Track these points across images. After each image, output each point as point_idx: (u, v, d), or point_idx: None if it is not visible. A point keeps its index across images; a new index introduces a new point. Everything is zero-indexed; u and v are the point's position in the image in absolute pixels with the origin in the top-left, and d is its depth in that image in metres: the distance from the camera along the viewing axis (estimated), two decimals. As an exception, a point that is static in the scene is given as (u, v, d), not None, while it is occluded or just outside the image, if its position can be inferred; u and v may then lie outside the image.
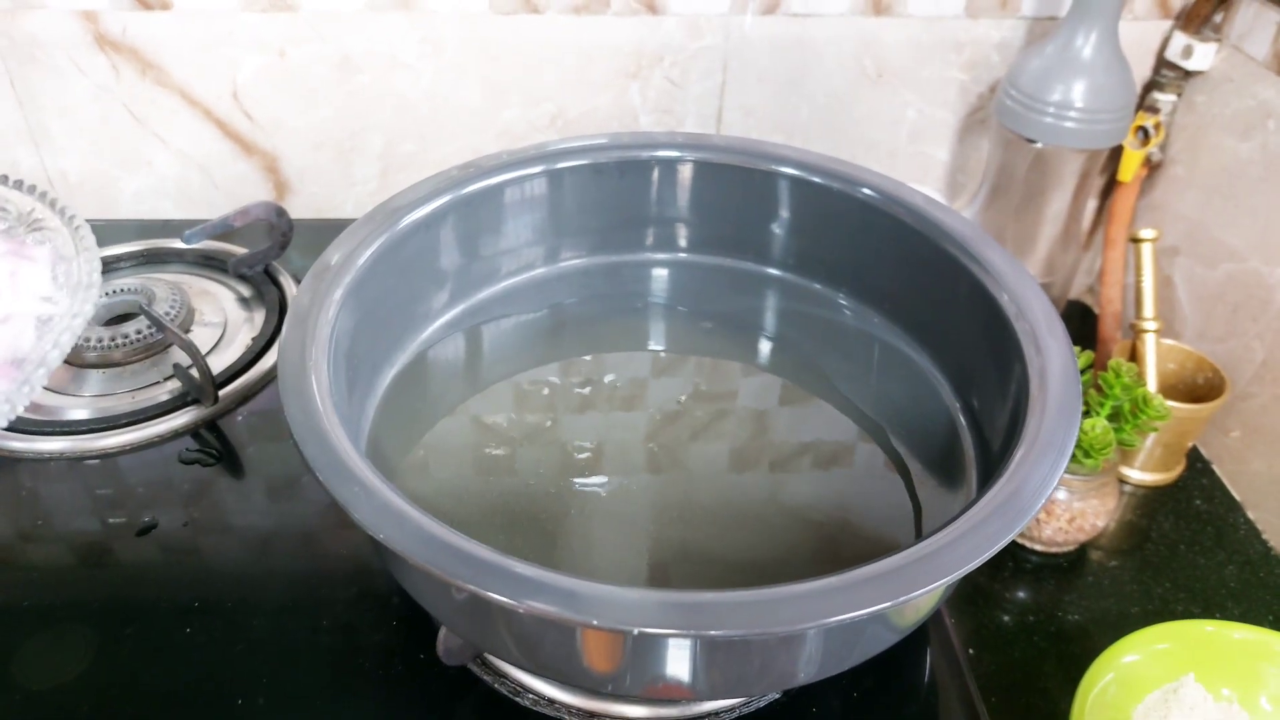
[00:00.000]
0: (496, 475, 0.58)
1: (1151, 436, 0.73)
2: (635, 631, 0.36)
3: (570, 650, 0.42)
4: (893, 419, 0.62)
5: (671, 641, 0.40)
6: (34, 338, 0.50)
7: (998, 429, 0.53)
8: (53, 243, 0.54)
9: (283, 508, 0.62)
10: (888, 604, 0.37)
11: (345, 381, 0.52)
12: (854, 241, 0.65)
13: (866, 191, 0.64)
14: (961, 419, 0.59)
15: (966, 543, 0.40)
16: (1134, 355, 0.78)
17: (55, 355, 0.50)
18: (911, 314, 0.65)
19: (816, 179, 0.64)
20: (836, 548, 0.56)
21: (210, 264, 0.82)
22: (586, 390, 0.64)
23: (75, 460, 0.64)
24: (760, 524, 0.57)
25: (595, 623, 0.36)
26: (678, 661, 0.42)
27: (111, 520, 0.61)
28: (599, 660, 0.42)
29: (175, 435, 0.66)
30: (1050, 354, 0.49)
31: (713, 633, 0.36)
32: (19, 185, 0.58)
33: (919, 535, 0.55)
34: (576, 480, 0.58)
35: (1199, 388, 0.76)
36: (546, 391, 0.64)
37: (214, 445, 0.66)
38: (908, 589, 0.38)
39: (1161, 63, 0.82)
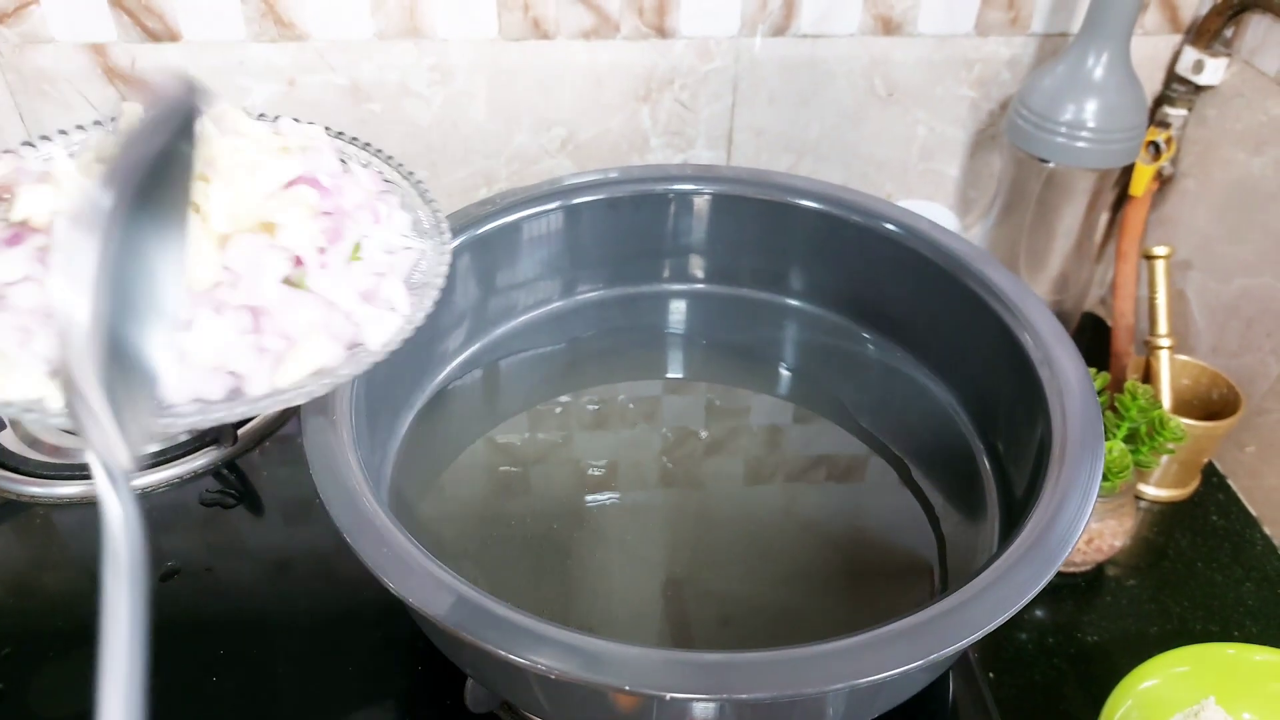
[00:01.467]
0: (519, 516, 0.58)
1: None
2: (668, 697, 0.36)
3: (601, 707, 0.43)
4: (913, 452, 0.63)
5: (699, 704, 0.40)
6: (413, 268, 0.51)
7: (1020, 466, 0.53)
8: (399, 194, 0.55)
9: (304, 548, 0.62)
10: (920, 662, 0.37)
11: (367, 428, 0.53)
12: (871, 272, 0.65)
13: (886, 225, 0.64)
14: (984, 456, 0.59)
15: (996, 594, 0.40)
16: (1148, 372, 0.78)
17: (438, 284, 0.50)
18: (931, 347, 0.65)
19: (831, 210, 0.64)
20: (859, 575, 0.56)
21: (224, 297, 0.82)
22: (605, 425, 0.65)
23: (94, 504, 0.64)
24: (781, 554, 0.57)
25: (626, 688, 0.37)
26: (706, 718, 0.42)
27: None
28: (629, 716, 0.43)
29: (195, 476, 0.66)
30: (1071, 396, 0.49)
31: (742, 696, 0.37)
32: (354, 141, 0.58)
33: (943, 568, 0.55)
34: (594, 507, 0.57)
35: (1213, 403, 0.76)
36: (565, 425, 0.64)
37: (234, 485, 0.66)
38: (939, 645, 0.38)
39: (1172, 77, 0.81)
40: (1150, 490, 0.75)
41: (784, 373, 0.70)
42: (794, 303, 0.71)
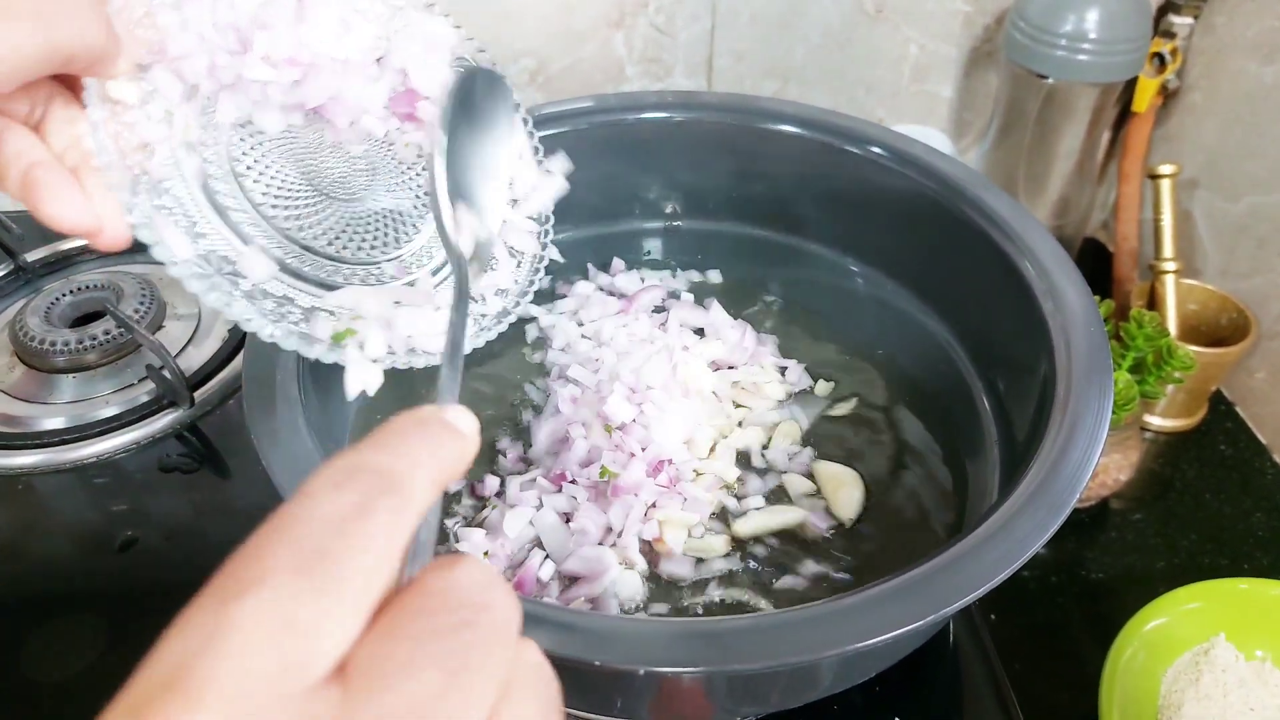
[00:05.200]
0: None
1: (1174, 384, 0.70)
2: (641, 671, 0.34)
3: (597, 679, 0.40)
4: (907, 389, 0.60)
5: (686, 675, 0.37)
6: None
7: (1022, 405, 0.50)
8: None
9: (269, 513, 0.59)
10: (919, 624, 0.35)
11: (315, 395, 0.49)
12: (859, 202, 0.61)
13: (874, 149, 0.59)
14: (983, 394, 0.56)
15: (998, 546, 0.37)
16: (1153, 297, 0.74)
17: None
18: (926, 279, 0.62)
19: (817, 135, 0.60)
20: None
21: (181, 251, 0.77)
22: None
23: (50, 474, 0.62)
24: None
25: (604, 661, 0.34)
26: (694, 689, 0.39)
27: (90, 537, 0.58)
28: (617, 691, 0.40)
29: (154, 441, 0.63)
30: (1076, 330, 0.45)
31: (738, 667, 0.34)
32: None
33: (946, 511, 0.52)
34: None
35: (1222, 328, 0.73)
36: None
37: (196, 449, 0.63)
38: (937, 605, 0.35)
39: (1178, -18, 0.76)
40: (1155, 420, 0.72)
41: (768, 310, 0.67)
42: (778, 237, 0.67)
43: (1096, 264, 0.85)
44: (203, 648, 0.18)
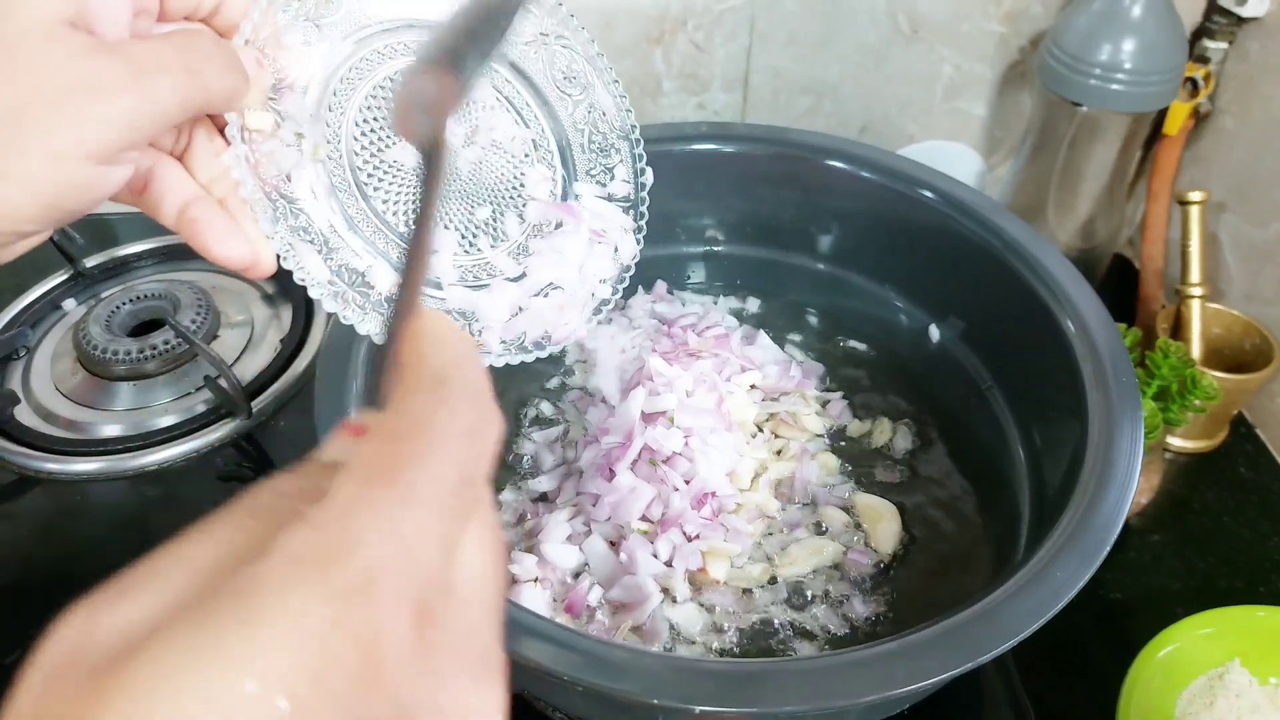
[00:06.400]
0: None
1: (1196, 408, 0.71)
2: (697, 710, 0.36)
3: (616, 707, 0.42)
4: (947, 423, 0.62)
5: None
6: None
7: (1055, 457, 0.52)
8: None
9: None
10: (954, 671, 0.37)
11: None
12: (910, 242, 0.63)
13: (923, 192, 0.61)
14: (1019, 440, 0.58)
15: (1032, 595, 0.39)
16: (1178, 320, 0.76)
17: None
18: (967, 321, 0.64)
19: (864, 173, 0.62)
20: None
21: (232, 259, 0.80)
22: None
23: (111, 481, 0.64)
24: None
25: (656, 701, 0.36)
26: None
27: (155, 544, 0.60)
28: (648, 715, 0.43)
29: (212, 450, 0.66)
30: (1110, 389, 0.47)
31: (775, 710, 0.36)
32: None
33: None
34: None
35: (1246, 353, 0.74)
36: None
37: (252, 457, 0.65)
38: (976, 653, 0.37)
39: (1213, 8, 0.77)
40: (1176, 441, 0.74)
41: (809, 341, 0.69)
42: (821, 267, 0.69)
43: (1122, 280, 0.87)
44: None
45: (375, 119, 0.42)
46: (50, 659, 0.17)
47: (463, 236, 0.45)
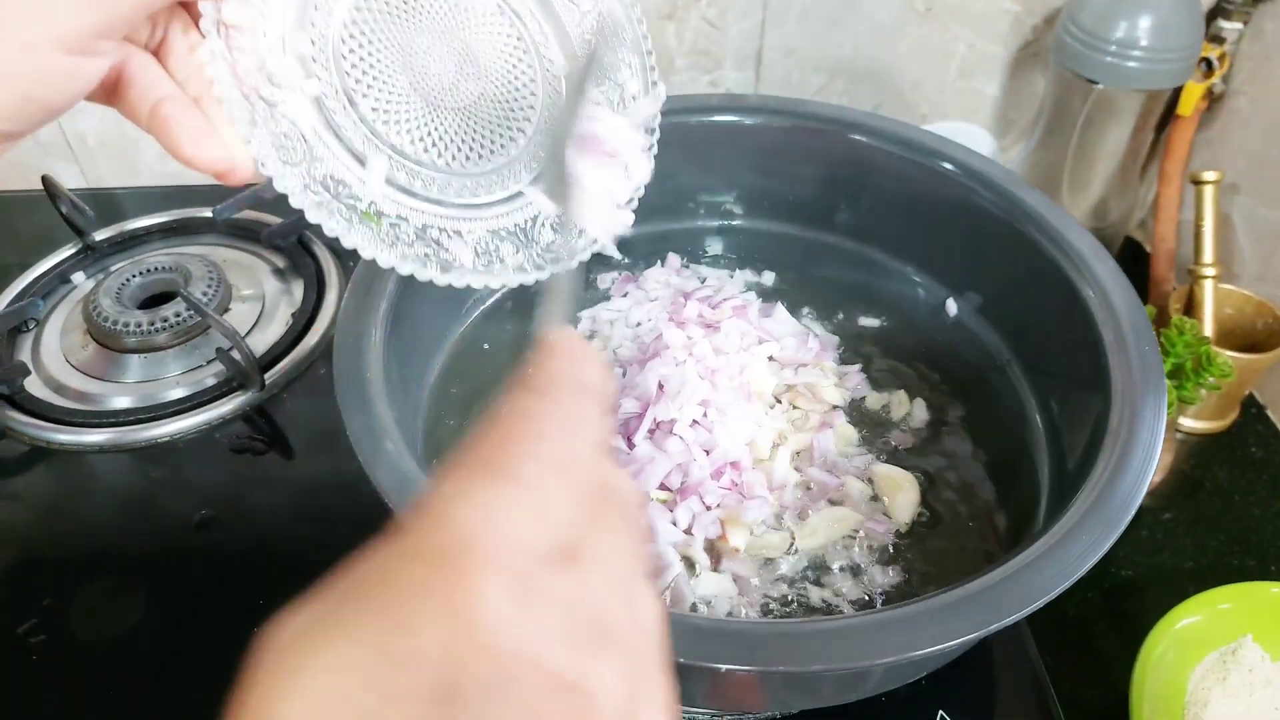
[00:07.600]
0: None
1: (1208, 388, 0.71)
2: (723, 669, 0.36)
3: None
4: (965, 394, 0.62)
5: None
6: None
7: (1075, 430, 0.52)
8: None
9: (339, 493, 0.62)
10: (978, 633, 0.37)
11: (398, 376, 0.51)
12: (928, 215, 0.63)
13: (944, 165, 0.61)
14: (1037, 410, 0.58)
15: (1054, 563, 0.39)
16: (1190, 301, 0.76)
17: None
18: (986, 295, 0.64)
19: (884, 146, 0.62)
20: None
21: (242, 234, 0.80)
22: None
23: (121, 452, 0.64)
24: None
25: (682, 661, 0.36)
26: (754, 682, 0.42)
27: (166, 516, 0.60)
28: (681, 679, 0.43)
29: (224, 422, 0.65)
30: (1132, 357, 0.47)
31: (799, 669, 0.36)
32: None
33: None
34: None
35: (1257, 333, 0.74)
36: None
37: (264, 430, 0.65)
38: (997, 616, 0.37)
39: (1229, -13, 0.77)
40: (1188, 422, 0.74)
41: (827, 314, 0.69)
42: (839, 241, 0.69)
43: (1134, 262, 0.87)
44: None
45: (366, 15, 0.39)
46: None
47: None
